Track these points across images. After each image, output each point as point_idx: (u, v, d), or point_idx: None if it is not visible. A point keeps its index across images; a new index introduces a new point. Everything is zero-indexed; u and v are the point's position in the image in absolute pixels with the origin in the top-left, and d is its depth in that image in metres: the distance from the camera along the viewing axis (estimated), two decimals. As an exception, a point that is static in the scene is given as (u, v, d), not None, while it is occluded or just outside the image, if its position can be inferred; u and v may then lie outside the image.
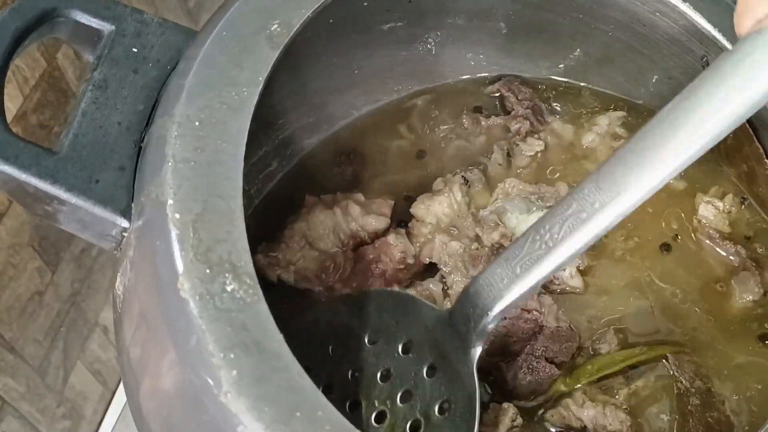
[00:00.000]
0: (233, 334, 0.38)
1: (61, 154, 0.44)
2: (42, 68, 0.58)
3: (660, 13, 0.57)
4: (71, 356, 0.69)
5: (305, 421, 0.37)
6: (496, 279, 0.44)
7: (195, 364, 0.38)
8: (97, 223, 0.44)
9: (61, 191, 0.43)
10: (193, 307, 0.39)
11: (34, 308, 0.62)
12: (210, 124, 0.43)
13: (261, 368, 0.38)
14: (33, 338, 0.63)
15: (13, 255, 0.58)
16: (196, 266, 0.40)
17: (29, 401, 0.64)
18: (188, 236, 0.40)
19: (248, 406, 0.37)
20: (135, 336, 0.43)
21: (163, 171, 0.42)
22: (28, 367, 0.63)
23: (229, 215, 0.41)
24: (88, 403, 0.73)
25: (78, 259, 0.67)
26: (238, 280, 0.40)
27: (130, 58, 0.47)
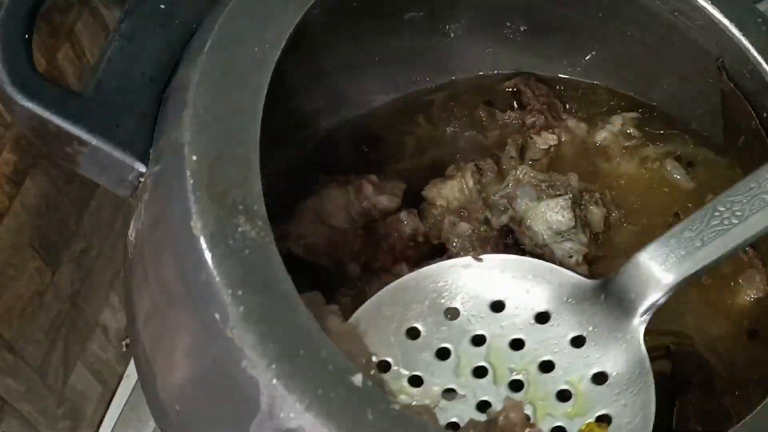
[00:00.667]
0: (243, 273, 0.39)
1: (86, 97, 0.45)
2: (42, 68, 0.58)
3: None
4: (71, 356, 0.69)
5: (309, 359, 0.38)
6: (671, 250, 0.45)
7: (203, 299, 0.39)
8: (116, 167, 0.45)
9: (83, 132, 0.44)
10: (204, 244, 0.40)
11: (34, 308, 0.62)
12: (232, 76, 0.44)
13: (268, 307, 0.38)
14: (33, 338, 0.63)
15: (13, 255, 0.58)
16: (210, 206, 0.40)
17: (29, 401, 0.63)
18: (204, 178, 0.41)
19: (254, 342, 0.38)
20: (145, 279, 0.43)
21: (183, 116, 0.43)
22: (28, 367, 0.63)
23: (246, 162, 0.42)
24: (88, 404, 0.72)
25: (78, 259, 0.67)
26: (251, 223, 0.40)
27: (157, 14, 0.48)
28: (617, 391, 0.46)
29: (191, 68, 0.45)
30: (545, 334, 0.49)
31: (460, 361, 0.48)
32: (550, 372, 0.48)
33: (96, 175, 0.47)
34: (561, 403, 0.47)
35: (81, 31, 0.63)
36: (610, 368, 0.47)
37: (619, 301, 0.47)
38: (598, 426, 0.46)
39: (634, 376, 0.46)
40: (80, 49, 0.63)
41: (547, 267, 0.51)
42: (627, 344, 0.47)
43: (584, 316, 0.48)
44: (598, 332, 0.48)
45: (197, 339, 0.40)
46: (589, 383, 0.47)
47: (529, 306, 0.50)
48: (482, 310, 0.50)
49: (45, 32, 0.60)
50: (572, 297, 0.49)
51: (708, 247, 0.45)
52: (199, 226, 0.40)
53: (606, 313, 0.48)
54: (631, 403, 0.46)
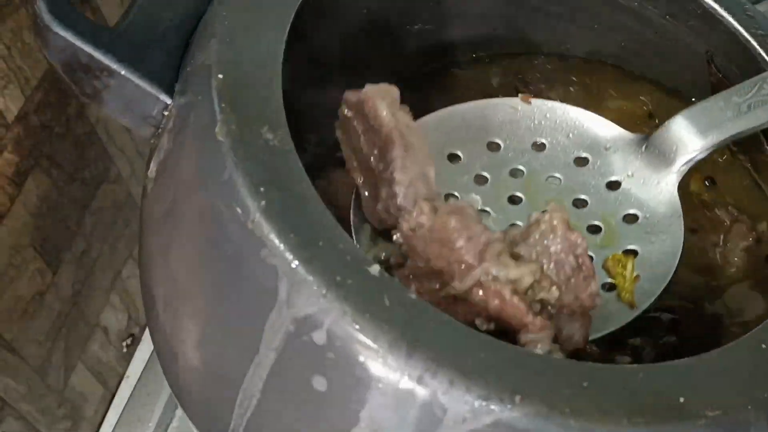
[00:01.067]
0: (264, 173, 0.40)
1: (117, 32, 0.47)
2: (43, 69, 0.60)
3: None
4: (72, 357, 0.69)
5: (327, 248, 0.38)
6: (717, 111, 0.49)
7: (225, 195, 0.40)
8: (141, 100, 0.47)
9: (113, 62, 0.46)
10: (228, 147, 0.41)
11: (34, 309, 0.62)
12: (257, 10, 0.46)
13: (288, 203, 0.40)
14: (34, 339, 0.63)
15: (14, 256, 0.59)
16: (233, 116, 0.42)
17: (30, 402, 0.64)
18: (228, 92, 0.43)
19: (273, 232, 0.38)
20: (165, 193, 0.44)
21: (209, 43, 0.45)
22: (28, 367, 0.63)
23: (269, 82, 0.44)
24: (89, 404, 0.72)
25: (79, 260, 0.68)
26: (272, 132, 0.42)
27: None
28: (647, 230, 0.49)
29: (218, 4, 0.47)
30: (582, 176, 0.52)
31: (497, 188, 0.51)
32: (583, 209, 0.51)
33: (120, 112, 0.48)
34: (591, 234, 0.50)
35: None
36: (642, 211, 0.50)
37: (659, 153, 0.50)
38: (625, 257, 0.48)
39: (665, 220, 0.49)
40: None
41: (591, 116, 0.54)
42: (661, 191, 0.50)
43: (622, 164, 0.52)
44: (635, 179, 0.51)
45: (216, 233, 0.40)
46: (620, 221, 0.50)
47: (569, 149, 0.53)
48: (524, 147, 0.53)
49: None
50: (613, 146, 0.52)
51: (754, 113, 0.48)
52: (224, 131, 0.41)
53: (645, 163, 0.51)
54: (659, 242, 0.48)
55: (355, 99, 0.47)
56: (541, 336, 0.41)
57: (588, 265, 0.44)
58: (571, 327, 0.44)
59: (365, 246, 0.48)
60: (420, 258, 0.44)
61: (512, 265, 0.42)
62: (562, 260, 0.44)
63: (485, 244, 0.42)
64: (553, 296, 0.43)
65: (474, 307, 0.42)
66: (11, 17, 0.57)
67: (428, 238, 0.43)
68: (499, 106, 0.54)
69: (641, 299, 0.47)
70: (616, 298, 0.47)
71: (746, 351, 0.40)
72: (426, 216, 0.44)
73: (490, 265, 0.42)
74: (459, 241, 0.42)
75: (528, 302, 0.42)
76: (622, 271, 0.48)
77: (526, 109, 0.55)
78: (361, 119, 0.47)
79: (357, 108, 0.47)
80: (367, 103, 0.46)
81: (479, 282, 0.42)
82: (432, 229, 0.43)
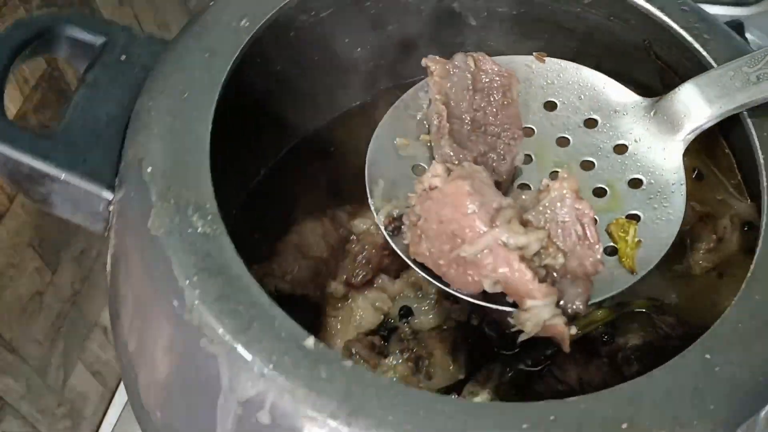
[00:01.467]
0: (197, 261, 0.42)
1: (54, 138, 0.49)
2: (42, 69, 0.61)
3: (613, 17, 0.60)
4: (71, 356, 0.70)
5: (262, 329, 0.40)
6: (727, 80, 0.49)
7: (164, 289, 0.42)
8: (87, 200, 0.48)
9: (52, 168, 0.48)
10: (162, 241, 0.42)
11: (34, 308, 0.63)
12: (183, 97, 0.48)
13: (222, 289, 0.41)
14: (33, 338, 0.64)
15: (13, 255, 0.59)
16: (165, 208, 0.44)
17: (29, 401, 0.64)
18: (159, 184, 0.44)
19: (209, 321, 0.40)
20: (123, 290, 0.46)
21: (140, 136, 0.47)
22: (28, 367, 0.63)
23: (197, 167, 0.45)
24: (88, 403, 0.73)
25: (78, 259, 0.68)
26: (203, 218, 0.43)
27: (119, 64, 0.53)
28: (650, 196, 0.50)
29: (146, 95, 0.49)
30: (591, 138, 0.53)
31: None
32: (590, 171, 0.52)
33: (71, 213, 0.50)
34: (596, 198, 0.51)
35: None
36: (647, 177, 0.51)
37: (667, 119, 0.51)
38: (628, 222, 0.49)
39: (669, 186, 0.50)
40: None
41: (602, 78, 0.55)
42: (667, 157, 0.51)
43: (631, 128, 0.53)
44: (642, 144, 0.52)
45: (162, 326, 0.42)
46: (625, 186, 0.51)
47: (580, 110, 0.54)
48: (536, 105, 0.54)
49: None
50: (623, 109, 0.53)
51: (763, 84, 0.48)
52: (157, 225, 0.43)
53: (653, 128, 0.52)
54: (661, 209, 0.49)
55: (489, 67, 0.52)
56: (545, 302, 0.43)
57: (593, 234, 0.45)
58: (573, 292, 0.45)
59: (379, 203, 0.50)
60: (433, 219, 0.45)
61: (521, 232, 0.44)
62: (569, 228, 0.46)
63: (496, 210, 0.44)
64: (558, 262, 0.45)
65: (483, 269, 0.44)
66: (10, 17, 0.58)
67: (441, 201, 0.45)
68: (513, 63, 0.55)
69: (642, 265, 0.48)
70: (617, 262, 0.48)
71: (691, 364, 0.41)
72: (440, 178, 0.46)
73: (500, 231, 0.43)
74: (471, 206, 0.44)
75: (534, 269, 0.43)
76: (624, 236, 0.49)
77: (540, 67, 0.56)
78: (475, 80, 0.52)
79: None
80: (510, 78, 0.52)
81: (489, 247, 0.43)
82: (445, 192, 0.45)
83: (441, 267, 0.46)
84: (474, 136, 0.52)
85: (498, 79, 0.54)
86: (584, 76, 0.55)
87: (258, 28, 0.52)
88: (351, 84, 0.66)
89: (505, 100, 0.54)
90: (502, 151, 0.52)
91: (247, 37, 0.51)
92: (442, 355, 0.53)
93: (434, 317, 0.56)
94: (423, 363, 0.53)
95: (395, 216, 0.49)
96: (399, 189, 0.50)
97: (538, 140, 0.53)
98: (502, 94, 0.54)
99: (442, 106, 0.52)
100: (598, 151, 0.52)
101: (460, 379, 0.53)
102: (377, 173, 0.51)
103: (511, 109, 0.54)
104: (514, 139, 0.53)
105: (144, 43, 0.54)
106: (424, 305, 0.57)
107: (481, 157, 0.52)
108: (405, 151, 0.52)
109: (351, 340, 0.55)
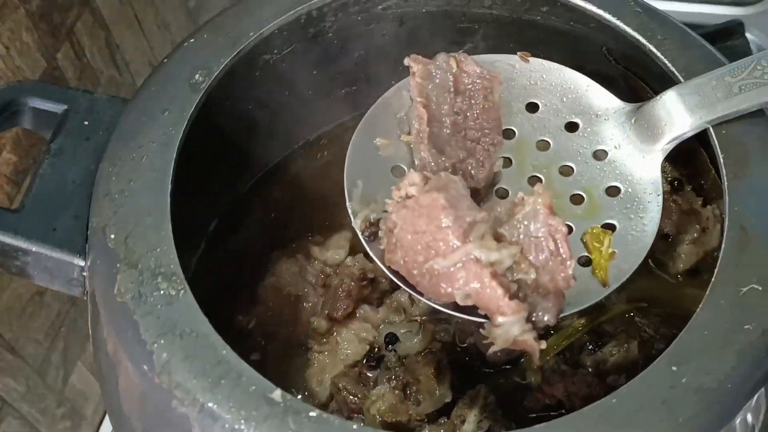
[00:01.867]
0: (163, 324, 0.43)
1: (22, 212, 0.50)
2: (42, 68, 0.61)
3: (573, 22, 0.61)
4: (71, 356, 0.70)
5: (231, 386, 0.40)
6: (709, 90, 0.49)
7: (133, 353, 0.43)
8: (61, 268, 0.50)
9: (22, 241, 0.49)
10: (129, 307, 0.43)
11: (34, 308, 0.63)
12: (141, 160, 0.49)
13: (188, 349, 0.42)
14: (33, 338, 0.63)
15: None
16: (130, 273, 0.44)
17: (29, 401, 0.64)
18: (122, 251, 0.45)
19: (178, 383, 0.41)
20: (99, 350, 0.47)
21: (102, 203, 0.48)
22: (28, 367, 0.63)
23: (157, 228, 0.46)
24: (89, 403, 0.73)
25: None
26: (166, 280, 0.44)
27: (82, 129, 0.54)
28: (627, 205, 0.50)
29: (107, 161, 0.50)
30: (571, 142, 0.53)
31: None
32: (568, 177, 0.52)
33: (49, 282, 0.51)
34: (573, 205, 0.51)
35: (81, 31, 0.66)
36: (625, 185, 0.51)
37: (648, 127, 0.51)
38: (603, 232, 0.49)
39: (645, 196, 0.50)
40: (80, 49, 0.66)
41: (585, 81, 0.55)
42: (645, 166, 0.51)
43: (611, 134, 0.52)
44: (621, 151, 0.52)
45: (138, 393, 0.43)
46: (603, 194, 0.51)
47: (562, 113, 0.54)
48: (517, 107, 0.54)
49: (45, 32, 0.62)
50: (604, 114, 0.53)
51: (745, 94, 0.48)
52: (122, 292, 0.44)
53: (633, 136, 0.52)
54: (637, 219, 0.49)
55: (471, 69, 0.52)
56: (515, 319, 0.43)
57: (566, 249, 0.45)
58: (544, 306, 0.45)
59: (357, 206, 0.49)
60: (408, 229, 0.45)
61: (494, 248, 0.44)
62: (542, 244, 0.45)
63: (470, 225, 0.44)
64: (530, 278, 0.45)
65: (455, 283, 0.44)
66: (10, 17, 0.59)
67: (417, 212, 0.45)
68: (497, 63, 0.55)
69: (614, 277, 0.48)
70: (590, 273, 0.48)
71: (658, 377, 0.41)
72: (416, 187, 0.46)
73: (473, 246, 0.43)
74: (445, 219, 0.44)
75: (505, 285, 0.43)
76: (599, 247, 0.49)
77: (524, 67, 0.55)
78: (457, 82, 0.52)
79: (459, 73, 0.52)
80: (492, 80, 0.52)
81: (461, 262, 0.44)
82: (420, 203, 0.45)
83: (414, 276, 0.46)
84: (454, 141, 0.52)
85: (480, 82, 0.53)
86: (568, 77, 0.55)
87: (212, 81, 0.52)
88: (312, 115, 0.67)
89: (487, 103, 0.54)
90: (481, 158, 0.52)
91: (201, 92, 0.52)
92: (427, 380, 0.53)
93: (419, 341, 0.57)
94: (411, 389, 0.53)
95: (372, 221, 0.49)
96: (378, 191, 0.49)
97: (518, 143, 0.53)
98: (484, 97, 0.54)
99: (423, 109, 0.51)
100: (578, 156, 0.52)
101: (448, 402, 0.53)
102: (356, 174, 0.50)
103: (492, 113, 0.54)
104: (494, 145, 0.53)
105: (105, 105, 0.55)
106: (409, 329, 0.57)
107: (460, 163, 0.51)
108: (385, 151, 0.52)
109: (338, 375, 0.56)
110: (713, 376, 0.41)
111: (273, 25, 0.56)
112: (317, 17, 0.59)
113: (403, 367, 0.55)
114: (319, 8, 0.58)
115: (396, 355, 0.56)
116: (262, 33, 0.56)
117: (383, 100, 0.54)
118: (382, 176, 0.51)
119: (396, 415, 0.52)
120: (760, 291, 0.44)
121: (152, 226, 0.46)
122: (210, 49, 0.54)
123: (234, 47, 0.54)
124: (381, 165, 0.51)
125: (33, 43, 0.62)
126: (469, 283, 0.44)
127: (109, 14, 0.70)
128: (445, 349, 0.56)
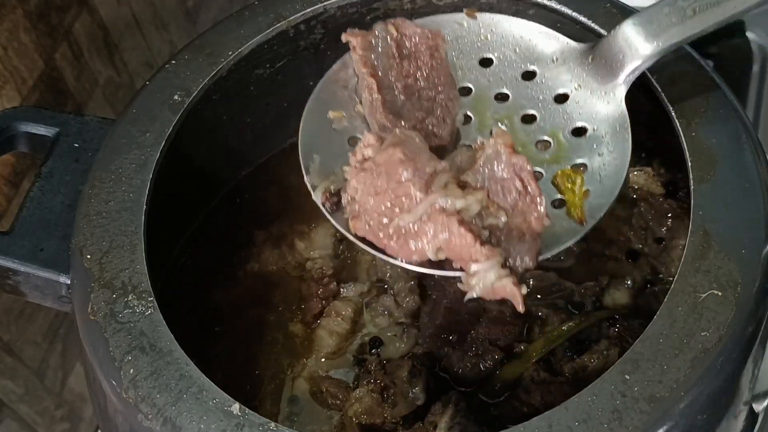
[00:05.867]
0: (131, 340, 0.44)
1: (12, 234, 0.52)
2: (40, 69, 0.62)
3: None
4: (70, 358, 0.70)
5: (192, 400, 0.42)
6: (662, 16, 0.48)
7: (103, 369, 0.45)
8: (49, 287, 0.52)
9: (12, 262, 0.51)
10: (100, 325, 0.45)
11: (32, 310, 0.64)
12: (119, 181, 0.51)
13: (154, 365, 0.44)
14: (31, 340, 0.64)
15: None
16: (102, 293, 0.46)
17: (28, 403, 0.65)
18: (96, 270, 0.47)
19: (143, 397, 0.43)
20: (84, 365, 0.49)
21: (81, 224, 0.50)
22: (26, 369, 0.64)
23: (131, 248, 0.48)
24: (87, 405, 0.74)
25: None
26: (137, 298, 0.46)
27: (72, 151, 0.56)
28: (595, 143, 0.49)
29: (86, 183, 0.52)
30: (530, 90, 0.52)
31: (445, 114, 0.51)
32: (531, 124, 0.51)
33: (41, 299, 0.54)
34: (540, 151, 0.50)
35: (79, 31, 0.66)
36: (591, 124, 0.50)
37: (606, 63, 0.50)
38: (574, 172, 0.49)
39: (613, 132, 0.49)
40: (78, 49, 0.67)
41: (537, 27, 0.54)
42: (609, 103, 0.50)
43: (570, 75, 0.52)
44: (582, 91, 0.51)
45: (111, 408, 0.45)
46: (569, 135, 0.50)
47: (517, 63, 0.53)
48: (471, 63, 0.54)
49: (43, 32, 0.63)
50: (560, 57, 0.53)
51: (700, 17, 0.47)
52: (95, 310, 0.46)
53: (592, 74, 0.51)
54: (607, 155, 0.49)
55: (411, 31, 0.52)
56: (490, 264, 0.42)
57: (534, 188, 0.45)
58: (520, 248, 0.44)
59: (315, 179, 0.49)
60: (369, 192, 0.45)
61: (459, 195, 0.43)
62: (509, 184, 0.45)
63: (431, 175, 0.44)
64: (501, 221, 0.44)
65: (423, 237, 0.43)
66: (8, 18, 0.59)
67: (375, 172, 0.44)
68: (444, 22, 0.54)
69: (591, 214, 0.47)
70: (566, 214, 0.48)
71: (610, 386, 0.41)
72: (372, 148, 0.45)
73: (437, 196, 0.43)
74: (405, 173, 0.43)
75: (476, 232, 0.43)
76: (571, 187, 0.48)
77: (472, 24, 0.55)
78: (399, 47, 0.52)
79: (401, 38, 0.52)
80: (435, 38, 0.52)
81: (427, 214, 0.43)
82: (377, 162, 0.44)
83: (382, 240, 0.45)
84: (409, 104, 0.52)
85: (423, 41, 0.53)
86: (518, 27, 0.54)
87: (191, 100, 0.54)
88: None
89: (434, 61, 0.53)
90: (441, 114, 0.52)
91: (179, 112, 0.54)
92: (401, 382, 0.54)
93: (403, 344, 0.57)
94: (389, 392, 0.54)
95: (333, 191, 0.48)
96: (336, 164, 0.49)
97: (476, 98, 0.53)
98: (430, 55, 0.53)
99: (371, 78, 0.51)
100: (539, 102, 0.52)
101: (422, 405, 0.53)
102: (312, 149, 0.50)
103: (442, 70, 0.53)
104: (451, 100, 0.52)
105: (95, 127, 0.57)
106: (394, 333, 0.58)
107: (420, 123, 0.51)
108: (339, 124, 0.52)
109: (321, 377, 0.57)
110: (665, 385, 0.41)
111: (252, 43, 0.58)
112: (294, 35, 0.60)
113: (383, 371, 0.55)
114: (296, 25, 0.60)
115: (378, 359, 0.57)
116: (241, 51, 0.57)
117: (331, 74, 0.54)
118: (338, 149, 0.51)
119: (372, 417, 0.53)
120: (719, 297, 0.44)
121: (127, 245, 0.48)
122: (189, 69, 0.56)
123: (212, 67, 0.56)
124: (337, 138, 0.51)
125: (31, 43, 0.62)
126: (437, 234, 0.43)
127: (108, 14, 0.70)
128: (426, 355, 0.57)
